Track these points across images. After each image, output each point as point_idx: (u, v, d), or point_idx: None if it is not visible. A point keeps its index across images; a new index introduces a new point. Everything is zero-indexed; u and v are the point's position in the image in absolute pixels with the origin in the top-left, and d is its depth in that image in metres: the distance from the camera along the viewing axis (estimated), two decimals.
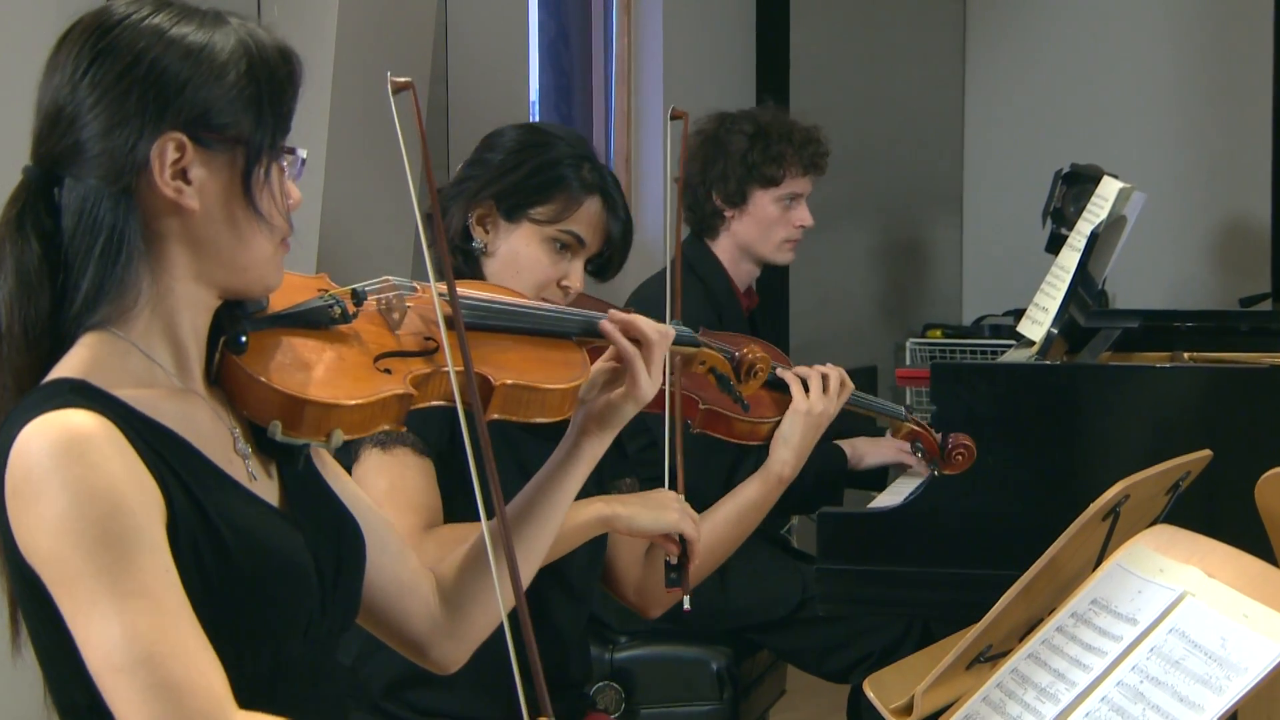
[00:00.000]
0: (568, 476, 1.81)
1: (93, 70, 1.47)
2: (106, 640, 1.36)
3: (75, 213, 1.47)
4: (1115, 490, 1.74)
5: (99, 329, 1.48)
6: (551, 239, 2.29)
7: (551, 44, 5.04)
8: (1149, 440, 2.80)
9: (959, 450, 2.53)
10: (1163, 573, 1.59)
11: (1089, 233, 3.25)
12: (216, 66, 1.48)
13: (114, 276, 1.46)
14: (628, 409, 1.82)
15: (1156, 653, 1.53)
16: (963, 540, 2.80)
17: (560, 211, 2.29)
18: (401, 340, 1.67)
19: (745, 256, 3.57)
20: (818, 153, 3.54)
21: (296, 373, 1.55)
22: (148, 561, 1.38)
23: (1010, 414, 2.84)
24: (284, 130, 1.53)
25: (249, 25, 1.53)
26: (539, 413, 1.73)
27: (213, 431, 1.52)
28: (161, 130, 1.46)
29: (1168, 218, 5.68)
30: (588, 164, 2.32)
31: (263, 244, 1.51)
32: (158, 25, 1.48)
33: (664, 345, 1.83)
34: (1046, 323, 3.21)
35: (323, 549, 1.57)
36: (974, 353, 5.43)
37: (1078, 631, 1.61)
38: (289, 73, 1.53)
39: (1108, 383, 2.85)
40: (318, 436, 1.54)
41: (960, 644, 1.70)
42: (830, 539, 2.87)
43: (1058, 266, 3.35)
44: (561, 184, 2.29)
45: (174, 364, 1.51)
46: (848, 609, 3.08)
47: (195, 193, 1.48)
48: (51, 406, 1.40)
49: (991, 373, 2.97)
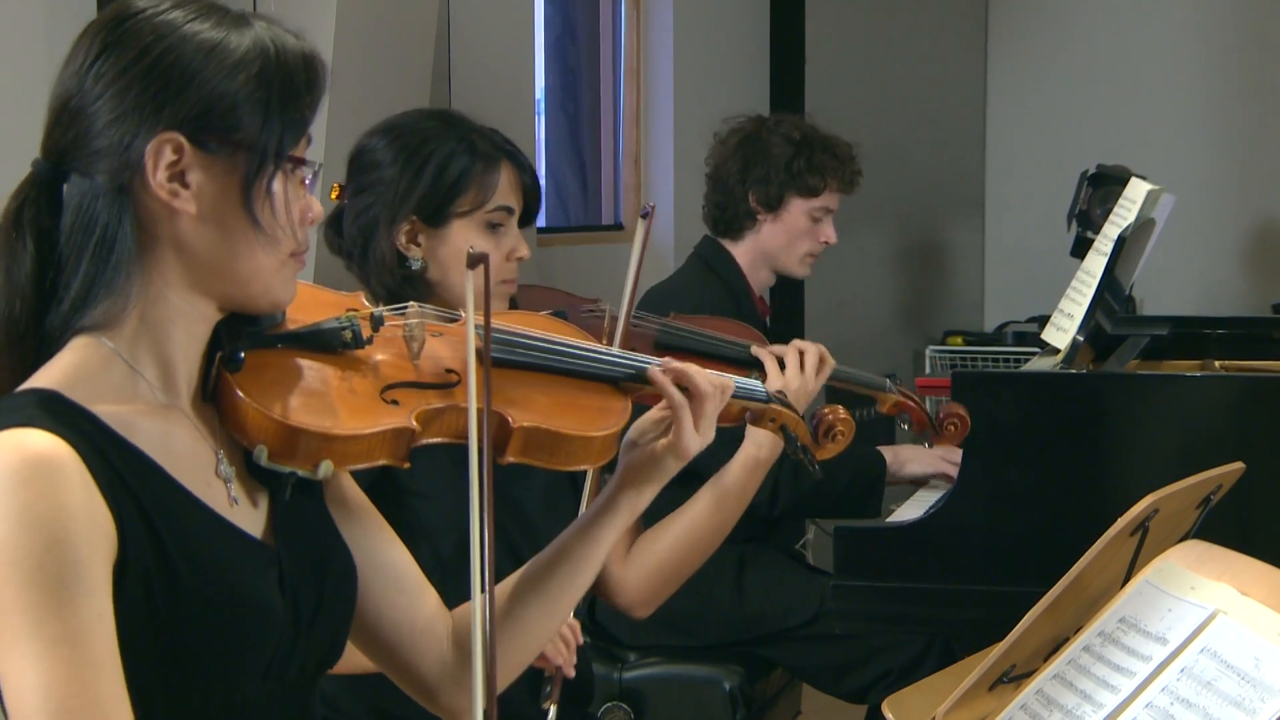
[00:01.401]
0: (602, 529, 1.76)
1: (100, 61, 1.47)
2: (22, 684, 1.34)
3: (74, 210, 1.47)
4: (1144, 504, 1.73)
5: (86, 333, 1.47)
6: (484, 223, 2.31)
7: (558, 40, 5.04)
8: (1179, 452, 2.80)
9: (951, 420, 2.50)
10: (1194, 590, 1.59)
11: (1116, 236, 3.25)
12: (226, 66, 1.47)
13: (103, 278, 1.46)
14: (670, 464, 1.76)
15: (1187, 674, 1.52)
16: (985, 555, 2.80)
17: (481, 195, 2.31)
18: (420, 371, 1.63)
19: (764, 264, 3.59)
20: (854, 170, 3.61)
21: (289, 397, 1.52)
22: (81, 606, 1.36)
23: (1034, 425, 2.83)
24: (294, 139, 1.51)
25: (275, 29, 1.52)
26: (565, 461, 1.68)
27: (191, 453, 1.50)
28: (159, 129, 1.45)
29: (1198, 220, 5.67)
30: (473, 136, 2.33)
31: (263, 257, 1.49)
32: (171, 20, 1.48)
33: (718, 399, 1.76)
34: (1072, 330, 3.20)
35: (302, 584, 1.54)
36: (996, 361, 5.43)
37: (1105, 651, 1.61)
38: (309, 80, 1.51)
39: (1136, 392, 2.85)
40: (305, 466, 1.51)
41: (983, 664, 1.70)
42: (847, 553, 2.87)
43: (1084, 271, 3.35)
44: (469, 170, 2.30)
45: (159, 377, 1.50)
46: (865, 626, 3.08)
47: (192, 197, 1.47)
48: (13, 423, 1.39)
49: (1015, 382, 2.97)
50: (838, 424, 2.02)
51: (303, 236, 1.53)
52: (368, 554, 1.66)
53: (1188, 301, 5.63)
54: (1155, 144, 5.85)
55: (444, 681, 1.72)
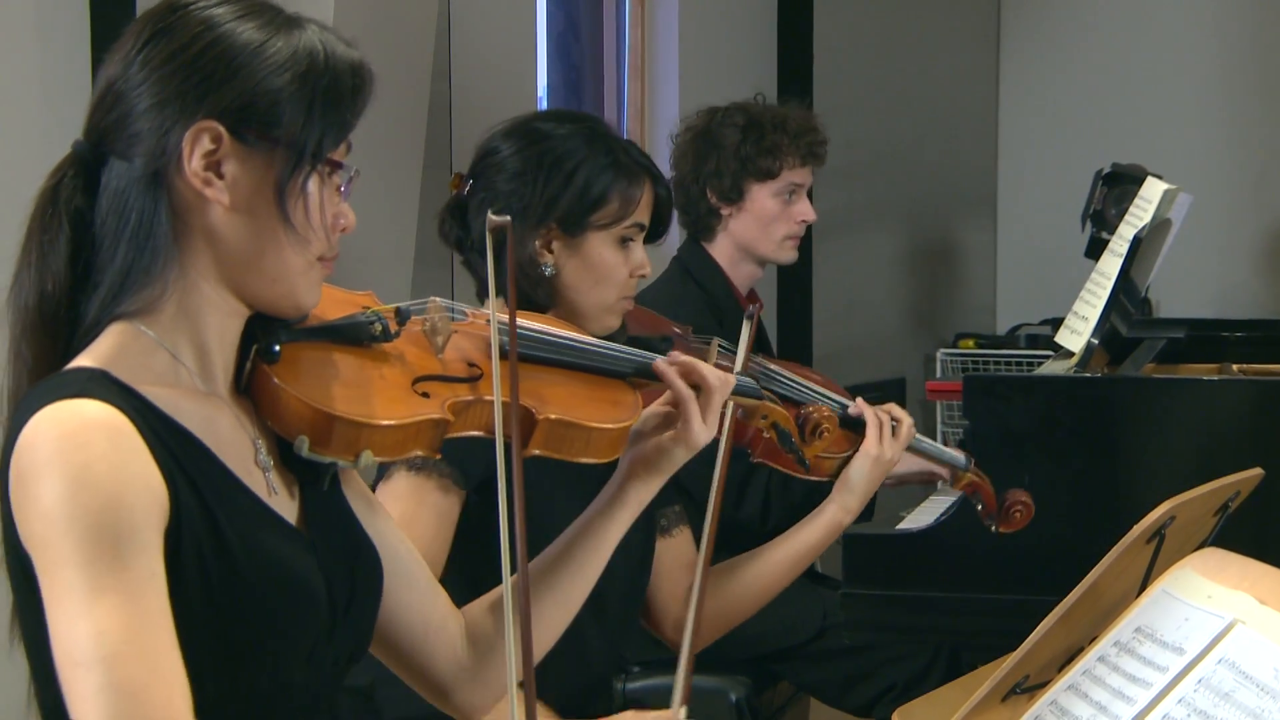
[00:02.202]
0: (611, 521, 1.81)
1: (147, 48, 1.51)
2: (73, 633, 1.37)
3: (110, 194, 1.51)
4: (1160, 511, 1.73)
5: (125, 320, 1.51)
6: (619, 237, 2.36)
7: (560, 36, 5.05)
8: (1196, 458, 2.80)
9: (1017, 507, 2.52)
10: (1211, 599, 1.59)
11: (1131, 237, 3.25)
12: (273, 63, 1.50)
13: (140, 265, 1.50)
14: (679, 455, 1.82)
15: (1205, 684, 1.52)
16: (997, 564, 2.79)
17: (622, 210, 2.35)
18: (445, 364, 1.67)
19: (745, 257, 3.55)
20: (815, 141, 3.53)
21: (329, 388, 1.56)
22: (134, 561, 1.39)
23: (1048, 430, 2.83)
24: (334, 141, 1.54)
25: (327, 34, 1.56)
26: (583, 452, 1.73)
27: (234, 440, 1.54)
28: (198, 117, 1.49)
29: (1215, 221, 5.67)
30: (616, 148, 2.37)
31: (291, 256, 1.53)
32: (222, 14, 1.52)
33: (723, 393, 1.83)
34: (1086, 332, 3.20)
35: (336, 574, 1.58)
36: (1009, 364, 5.43)
37: (1121, 661, 1.61)
38: (354, 86, 1.55)
39: (1152, 396, 2.85)
40: (346, 456, 1.55)
41: (995, 674, 1.70)
42: (856, 562, 2.87)
43: (1098, 273, 3.34)
44: (613, 184, 2.34)
45: (198, 365, 1.54)
46: (874, 636, 3.08)
47: (226, 188, 1.50)
48: (66, 394, 1.43)
49: (1028, 386, 2.97)
50: (823, 421, 2.10)
51: (334, 242, 1.57)
52: (382, 548, 1.69)
53: (1205, 304, 5.63)
54: (1172, 142, 5.85)
55: (458, 681, 1.76)
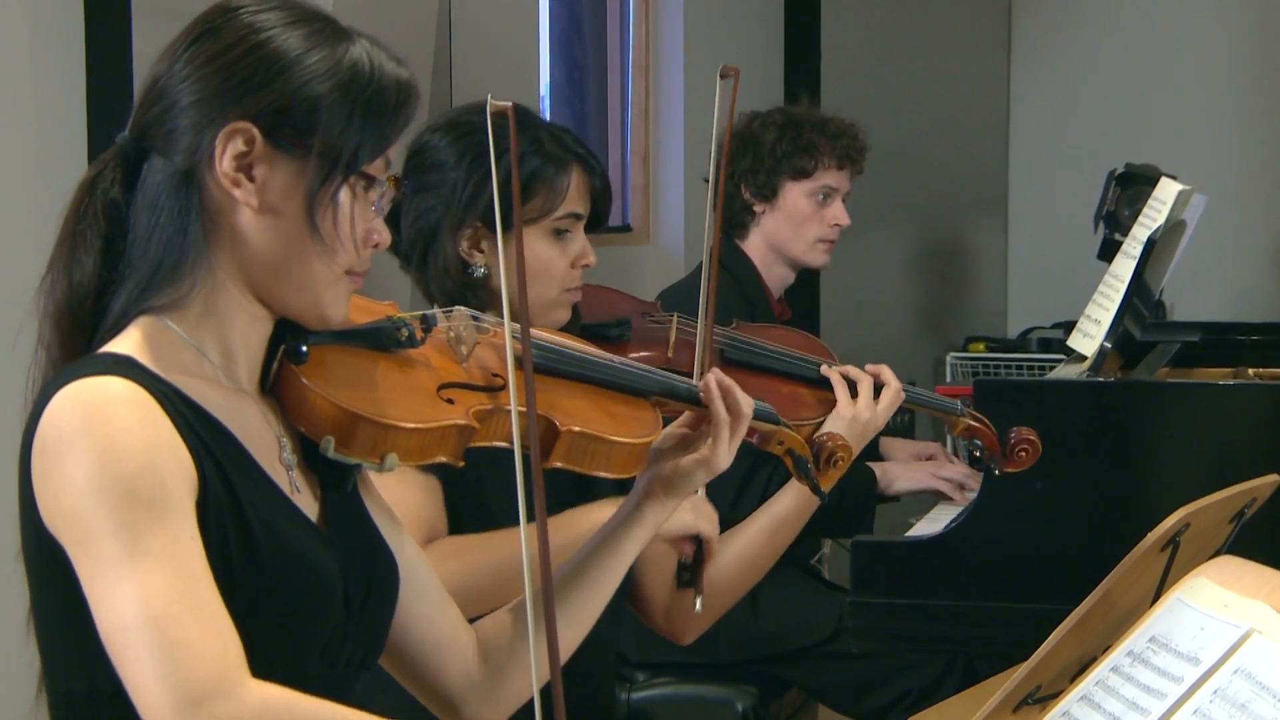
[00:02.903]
0: (627, 540, 1.82)
1: (193, 47, 1.54)
2: (120, 598, 1.39)
3: (146, 189, 1.54)
4: (1175, 518, 1.73)
5: (151, 315, 1.53)
6: (552, 230, 2.31)
7: (563, 34, 5.05)
8: (1211, 464, 2.79)
9: (1022, 445, 2.47)
10: (1227, 608, 1.59)
11: (1145, 239, 3.25)
12: (314, 71, 1.53)
13: (169, 262, 1.52)
14: (699, 477, 1.83)
15: (1221, 695, 1.52)
16: (1009, 571, 2.79)
17: (550, 201, 2.30)
18: (468, 373, 1.70)
19: (778, 258, 3.58)
20: (854, 146, 3.57)
21: (356, 389, 1.58)
22: (172, 522, 1.41)
23: (1060, 435, 2.83)
24: (370, 154, 1.56)
25: (377, 50, 1.58)
26: (604, 466, 1.74)
27: (259, 435, 1.56)
28: (234, 117, 1.51)
29: (1231, 222, 5.66)
30: (543, 137, 2.31)
31: (317, 266, 1.55)
32: (269, 20, 1.55)
33: (749, 418, 1.85)
34: (1099, 336, 3.20)
35: (353, 573, 1.60)
36: (1020, 368, 5.43)
37: (1134, 671, 1.61)
38: (398, 103, 1.57)
39: (1166, 401, 2.85)
40: (371, 458, 1.57)
41: (1007, 685, 1.70)
42: (865, 569, 2.86)
43: (1111, 275, 3.34)
44: (538, 175, 2.29)
45: (223, 364, 1.56)
46: (884, 645, 3.08)
47: (255, 190, 1.52)
48: (94, 373, 1.45)
49: (1039, 390, 2.97)
50: (838, 450, 2.09)
51: (364, 256, 1.59)
52: (399, 561, 1.70)
53: (1220, 307, 5.62)
54: (1186, 141, 5.85)
55: (467, 696, 1.77)
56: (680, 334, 2.57)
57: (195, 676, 1.37)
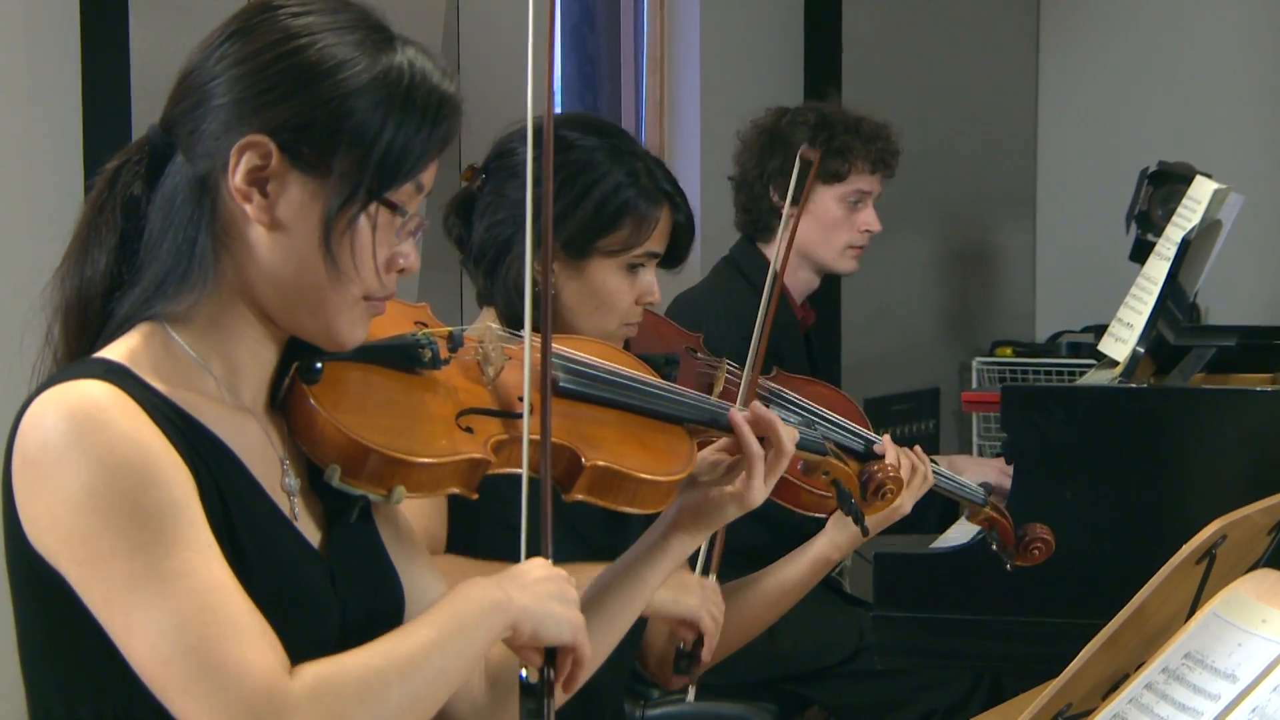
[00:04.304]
0: (650, 572, 1.80)
1: (227, 44, 1.51)
2: (150, 628, 1.37)
3: (166, 189, 1.51)
4: (1211, 530, 1.73)
5: (154, 322, 1.51)
6: (627, 264, 2.30)
7: (575, 28, 5.05)
8: (1248, 473, 2.79)
9: (1036, 544, 2.50)
10: (1265, 623, 1.58)
11: (1179, 239, 3.24)
12: (345, 88, 1.49)
13: (178, 270, 1.50)
14: (731, 511, 1.80)
15: (1259, 714, 1.52)
16: (1037, 585, 2.79)
17: (633, 237, 2.29)
18: (491, 396, 1.66)
19: (804, 263, 3.58)
20: (887, 150, 3.56)
21: (369, 416, 1.55)
22: (187, 535, 1.40)
23: (1091, 443, 2.83)
24: (399, 180, 1.52)
25: (420, 60, 1.54)
26: (629, 502, 1.70)
27: (261, 456, 1.54)
28: (253, 128, 1.48)
29: (1268, 222, 5.65)
30: (639, 167, 2.30)
31: (329, 293, 1.51)
32: (309, 25, 1.51)
33: (791, 453, 1.82)
34: (1132, 340, 3.20)
35: (354, 605, 1.57)
36: (1049, 374, 5.42)
37: (1169, 689, 1.60)
38: (437, 124, 1.53)
39: (1201, 408, 2.84)
40: (378, 490, 1.54)
41: (1036, 702, 1.69)
42: (888, 583, 2.86)
43: (1144, 277, 3.34)
44: (629, 209, 2.28)
45: (227, 380, 1.54)
46: (908, 661, 3.08)
47: (266, 207, 1.49)
48: (79, 376, 1.43)
49: (1069, 397, 2.97)
50: (888, 482, 2.06)
51: (387, 283, 1.55)
52: (409, 584, 1.68)
53: (1257, 310, 5.61)
54: (1221, 138, 5.83)
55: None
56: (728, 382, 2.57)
57: (246, 696, 1.36)
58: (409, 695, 1.45)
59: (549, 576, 1.57)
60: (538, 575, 1.57)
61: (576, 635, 1.57)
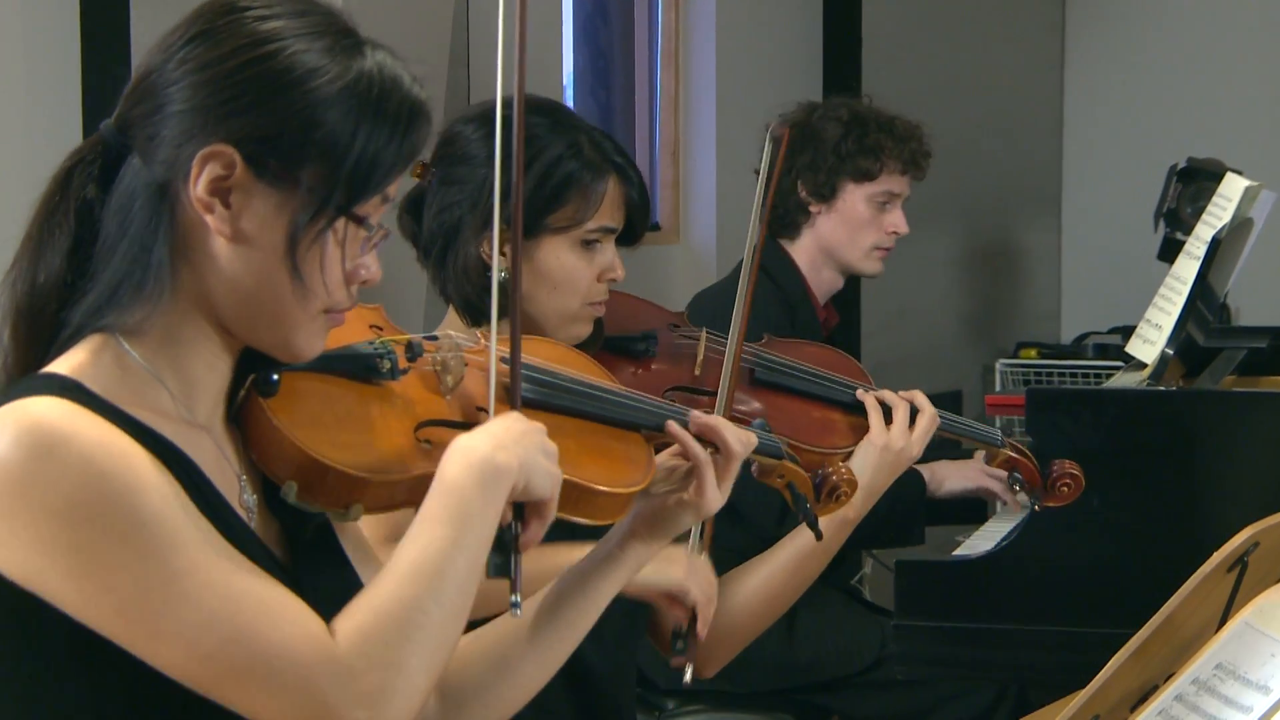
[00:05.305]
0: (605, 581, 1.77)
1: (189, 47, 1.49)
2: (184, 631, 1.37)
3: (121, 192, 1.49)
4: (1243, 537, 1.73)
5: (106, 334, 1.49)
6: (579, 240, 2.29)
7: (588, 20, 5.05)
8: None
9: (1064, 480, 2.48)
10: None
11: (1209, 238, 3.24)
12: (314, 98, 1.47)
13: (131, 281, 1.47)
14: (687, 518, 1.78)
15: None
16: (1064, 593, 2.79)
17: (581, 211, 2.28)
18: (451, 407, 1.66)
19: (828, 262, 3.58)
20: (919, 151, 3.57)
21: (328, 431, 1.54)
22: (185, 529, 1.39)
23: (1119, 448, 2.83)
24: (368, 193, 1.50)
25: (390, 65, 1.52)
26: (587, 514, 1.69)
27: (218, 473, 1.52)
28: (216, 138, 1.46)
29: None
30: (582, 139, 2.29)
31: (292, 307, 1.50)
32: (276, 30, 1.49)
33: (744, 456, 1.80)
34: (1160, 342, 3.19)
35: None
36: (1075, 376, 5.41)
37: (1200, 701, 1.60)
38: (407, 134, 1.51)
39: (1232, 412, 2.84)
40: (335, 507, 1.54)
41: (1063, 714, 1.69)
42: (910, 591, 2.86)
43: (1173, 277, 3.34)
44: (573, 182, 2.27)
45: (182, 394, 1.51)
46: (930, 671, 3.07)
47: (228, 219, 1.47)
48: (36, 392, 1.41)
49: (1097, 400, 2.96)
50: (842, 485, 2.09)
51: (351, 293, 1.54)
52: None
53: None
54: (1253, 134, 5.83)
55: None
56: (709, 351, 2.57)
57: (304, 675, 1.38)
58: (448, 609, 1.45)
59: (529, 429, 1.56)
60: (521, 429, 1.55)
61: (554, 490, 1.57)
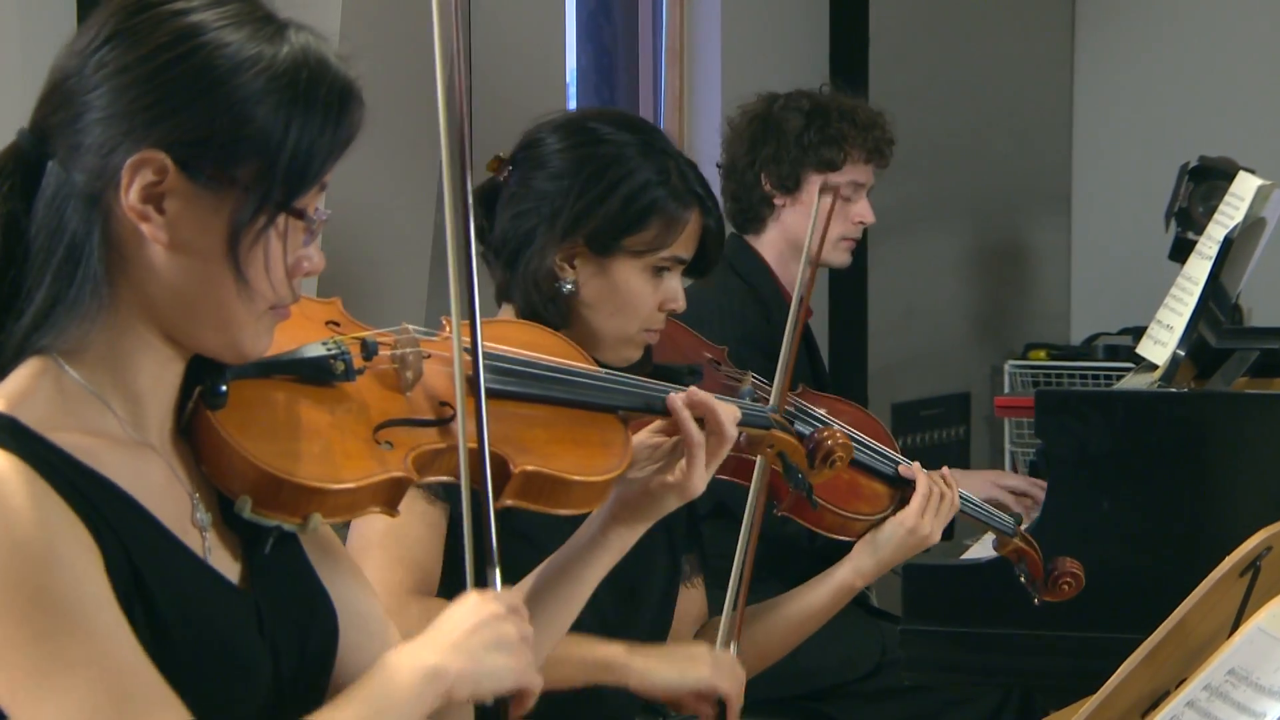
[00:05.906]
0: (588, 568, 1.77)
1: (105, 48, 1.45)
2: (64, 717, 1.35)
3: (47, 204, 1.45)
4: (1255, 541, 1.73)
5: (44, 355, 1.45)
6: (652, 266, 2.31)
7: (591, 17, 5.05)
8: None
9: (1066, 579, 2.52)
10: None
11: (1222, 238, 3.23)
12: (245, 92, 1.44)
13: (66, 297, 1.44)
14: (670, 501, 1.79)
15: None
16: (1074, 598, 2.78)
17: (660, 237, 2.30)
18: (412, 404, 1.63)
19: (795, 255, 3.56)
20: (883, 139, 3.57)
21: (280, 442, 1.51)
22: (92, 618, 1.37)
23: (1129, 450, 2.82)
24: (303, 188, 1.47)
25: (315, 46, 1.48)
26: (563, 504, 1.69)
27: (167, 494, 1.50)
28: (145, 144, 1.43)
29: None
30: (671, 166, 2.31)
31: (237, 307, 1.47)
32: (196, 24, 1.45)
33: (734, 438, 1.80)
34: (1171, 343, 3.19)
35: (283, 639, 1.54)
36: (1085, 378, 5.41)
37: (1212, 707, 1.60)
38: (341, 119, 1.48)
39: (1244, 414, 2.84)
40: (293, 519, 1.52)
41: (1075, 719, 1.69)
42: (917, 595, 2.86)
43: (1184, 277, 3.33)
44: (657, 209, 2.29)
45: (127, 411, 1.49)
46: (936, 677, 3.08)
47: (164, 226, 1.44)
48: None
49: (1107, 402, 2.96)
50: (836, 449, 2.06)
51: (294, 287, 1.51)
52: (340, 600, 1.65)
53: None
54: (1265, 133, 5.82)
55: None
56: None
57: None
58: None
59: (482, 621, 1.52)
60: (470, 624, 1.51)
61: (520, 679, 1.53)
